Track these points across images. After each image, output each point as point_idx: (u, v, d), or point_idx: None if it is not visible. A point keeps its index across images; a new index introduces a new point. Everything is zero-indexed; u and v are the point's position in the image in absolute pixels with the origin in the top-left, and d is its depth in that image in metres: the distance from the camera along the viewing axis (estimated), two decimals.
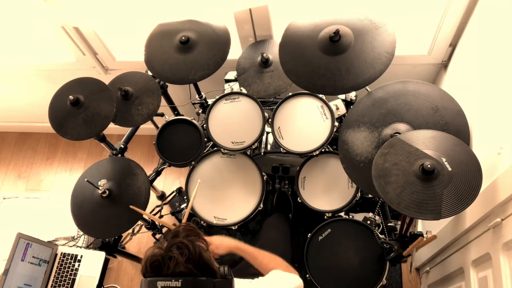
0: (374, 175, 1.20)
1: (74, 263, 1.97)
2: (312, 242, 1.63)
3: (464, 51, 1.69)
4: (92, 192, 1.64)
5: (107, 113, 1.58)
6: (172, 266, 0.90)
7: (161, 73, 1.70)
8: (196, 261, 0.93)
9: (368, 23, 1.40)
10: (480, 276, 1.37)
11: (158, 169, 1.97)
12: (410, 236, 1.41)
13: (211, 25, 1.72)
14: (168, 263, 0.91)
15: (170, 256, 0.91)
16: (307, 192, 1.76)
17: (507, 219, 1.17)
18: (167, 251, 0.93)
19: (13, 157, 3.05)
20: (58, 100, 1.64)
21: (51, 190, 2.87)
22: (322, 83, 1.41)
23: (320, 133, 1.68)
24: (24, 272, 1.84)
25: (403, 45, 1.57)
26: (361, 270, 1.55)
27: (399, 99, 1.42)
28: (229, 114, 1.79)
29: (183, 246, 0.93)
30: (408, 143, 1.21)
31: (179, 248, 0.93)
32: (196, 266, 0.92)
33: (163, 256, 0.92)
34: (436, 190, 1.11)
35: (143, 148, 2.89)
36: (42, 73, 2.41)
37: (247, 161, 1.84)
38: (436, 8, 1.66)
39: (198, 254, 0.94)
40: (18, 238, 1.83)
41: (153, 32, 1.78)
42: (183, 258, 0.91)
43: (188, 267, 0.91)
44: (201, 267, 0.94)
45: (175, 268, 0.90)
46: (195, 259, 0.93)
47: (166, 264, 0.91)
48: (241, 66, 1.81)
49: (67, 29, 1.97)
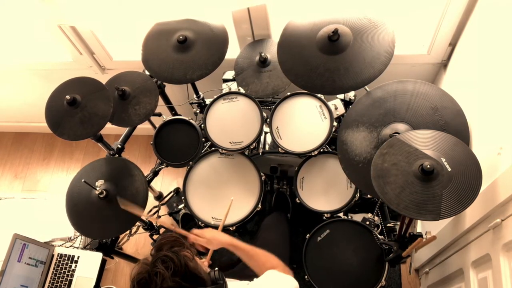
0: (373, 175, 1.19)
1: (71, 264, 1.96)
2: (310, 243, 1.63)
3: (464, 51, 1.69)
4: (88, 192, 1.63)
5: (104, 113, 1.56)
6: (160, 282, 0.89)
7: (159, 73, 1.69)
8: (183, 273, 0.92)
9: (367, 22, 1.39)
10: (480, 277, 1.36)
11: (155, 169, 1.96)
12: (410, 237, 1.41)
13: (209, 24, 1.71)
14: (154, 279, 0.90)
15: (156, 272, 0.90)
16: (306, 192, 1.75)
17: (507, 219, 1.16)
18: (153, 266, 0.91)
19: (9, 157, 3.03)
20: (54, 99, 1.63)
21: (48, 190, 2.86)
22: (321, 83, 1.40)
23: (318, 133, 1.67)
24: (21, 273, 1.82)
25: (402, 44, 1.56)
26: (360, 271, 1.55)
27: (398, 99, 1.41)
28: (227, 114, 1.78)
29: (167, 259, 0.92)
30: (407, 143, 1.20)
31: (164, 262, 0.91)
32: (183, 278, 0.91)
33: (149, 273, 0.91)
34: (435, 190, 1.10)
35: (141, 148, 2.88)
36: (39, 73, 2.39)
37: (245, 161, 1.83)
38: (436, 7, 1.65)
39: (184, 265, 0.93)
40: (14, 239, 1.81)
41: (151, 32, 1.76)
42: (169, 273, 0.90)
43: (176, 280, 0.90)
44: (188, 278, 0.92)
45: (162, 284, 0.89)
46: (181, 271, 0.92)
47: (153, 281, 0.90)
48: (239, 66, 1.80)
49: (64, 28, 1.96)
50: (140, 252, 2.54)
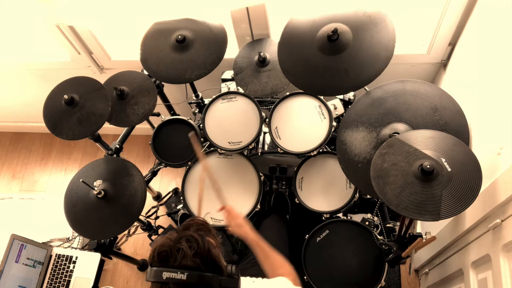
0: (373, 175, 1.18)
1: (69, 264, 1.95)
2: (310, 243, 1.62)
3: (464, 50, 1.68)
4: (87, 192, 1.62)
5: (102, 113, 1.56)
6: (180, 258, 0.89)
7: (157, 72, 1.68)
8: (204, 256, 0.91)
9: (366, 19, 1.38)
10: (480, 277, 1.36)
11: (154, 169, 1.95)
12: (409, 237, 1.40)
13: (207, 24, 1.70)
14: (176, 254, 0.89)
15: (179, 248, 0.90)
16: (305, 192, 1.74)
17: (507, 220, 1.16)
18: (176, 242, 0.91)
19: (7, 157, 3.02)
20: (52, 99, 1.62)
21: (46, 190, 2.85)
22: (321, 84, 1.39)
23: (318, 133, 1.66)
24: (19, 274, 1.82)
25: (402, 44, 1.55)
26: (359, 272, 1.54)
27: (398, 99, 1.41)
28: (226, 114, 1.77)
29: (193, 239, 0.91)
30: (407, 143, 1.20)
31: (188, 241, 0.91)
32: (203, 261, 0.91)
33: (171, 247, 0.90)
34: (435, 190, 1.09)
35: (139, 148, 2.87)
36: (37, 72, 2.39)
37: (244, 161, 1.82)
38: (435, 6, 1.65)
39: (207, 250, 0.92)
40: (12, 239, 1.81)
41: (149, 31, 1.76)
42: (191, 252, 0.89)
43: (195, 261, 0.90)
44: (209, 263, 0.92)
45: (182, 260, 0.89)
46: (203, 254, 0.91)
47: (173, 255, 0.89)
48: (238, 65, 1.79)
49: (62, 28, 1.95)
50: (138, 252, 2.53)
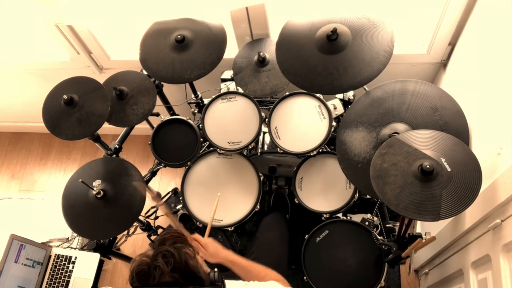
0: (372, 175, 1.18)
1: (68, 264, 1.95)
2: (309, 243, 1.62)
3: (464, 50, 1.68)
4: (85, 192, 1.61)
5: (101, 113, 1.55)
6: (158, 276, 0.90)
7: (157, 72, 1.68)
8: (182, 270, 0.92)
9: (366, 22, 1.38)
10: (480, 278, 1.36)
11: (153, 169, 1.95)
12: (409, 238, 1.40)
13: (207, 24, 1.70)
14: (154, 273, 0.90)
15: (156, 266, 0.90)
16: (305, 193, 1.74)
17: (507, 220, 1.16)
18: (153, 260, 0.92)
19: (6, 157, 3.02)
20: (52, 99, 1.61)
21: (45, 190, 2.85)
22: (320, 83, 1.39)
23: (317, 133, 1.66)
24: (18, 274, 1.82)
25: (401, 44, 1.55)
26: (359, 272, 1.54)
27: (398, 99, 1.41)
28: (226, 114, 1.77)
29: (169, 254, 0.92)
30: (406, 143, 1.19)
31: (165, 256, 0.91)
32: (182, 275, 0.91)
33: (149, 266, 0.91)
34: (435, 190, 1.09)
35: (138, 148, 2.86)
36: (36, 72, 2.38)
37: (243, 161, 1.82)
38: (435, 6, 1.65)
39: (184, 263, 0.93)
40: (11, 239, 1.81)
41: (149, 31, 1.76)
42: (169, 268, 0.90)
43: (174, 276, 0.90)
44: (187, 276, 0.93)
45: (160, 278, 0.90)
46: (181, 268, 0.92)
47: (152, 274, 0.90)
48: (238, 65, 1.79)
49: (61, 28, 1.94)
50: (138, 252, 2.49)
